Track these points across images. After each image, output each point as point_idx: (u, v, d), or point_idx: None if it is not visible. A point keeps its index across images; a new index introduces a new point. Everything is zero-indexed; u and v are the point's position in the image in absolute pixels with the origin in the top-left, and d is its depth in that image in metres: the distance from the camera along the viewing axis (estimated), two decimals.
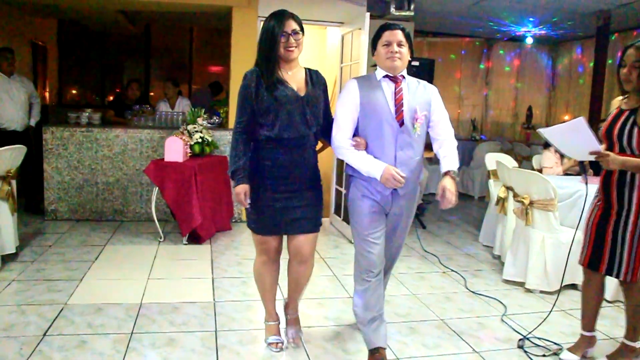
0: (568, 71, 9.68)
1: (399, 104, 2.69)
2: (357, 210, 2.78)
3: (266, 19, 2.68)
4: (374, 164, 2.64)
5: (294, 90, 2.69)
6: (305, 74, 2.79)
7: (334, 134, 2.75)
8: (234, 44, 6.07)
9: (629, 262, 2.73)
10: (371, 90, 2.72)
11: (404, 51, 2.70)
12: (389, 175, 2.59)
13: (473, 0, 6.78)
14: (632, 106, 2.73)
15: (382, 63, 2.73)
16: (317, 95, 2.76)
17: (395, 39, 2.68)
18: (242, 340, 3.10)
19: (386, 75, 2.73)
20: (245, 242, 5.33)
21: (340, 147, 2.73)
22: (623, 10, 6.72)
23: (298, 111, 2.67)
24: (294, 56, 2.69)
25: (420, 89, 2.78)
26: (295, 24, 2.65)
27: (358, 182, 2.77)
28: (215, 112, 6.54)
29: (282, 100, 2.63)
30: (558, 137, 2.82)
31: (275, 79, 2.64)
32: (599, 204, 2.87)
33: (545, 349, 3.11)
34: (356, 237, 2.82)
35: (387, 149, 2.67)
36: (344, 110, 2.73)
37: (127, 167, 5.86)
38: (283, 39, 2.62)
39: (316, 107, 2.74)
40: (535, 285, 4.08)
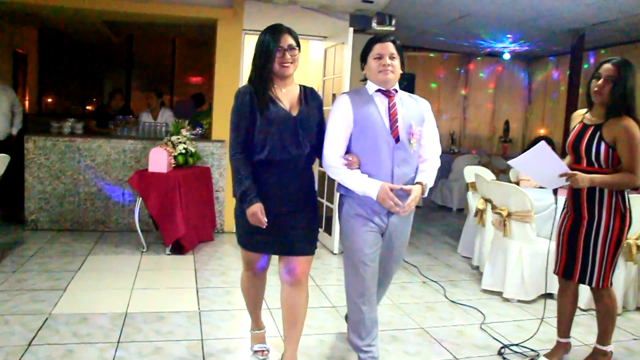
0: (544, 86, 9.92)
1: (394, 119, 2.60)
2: (351, 230, 2.68)
3: (261, 33, 2.58)
4: (369, 183, 2.56)
5: (286, 109, 2.57)
6: (299, 92, 2.67)
7: (326, 153, 2.63)
8: (219, 56, 6.14)
9: (600, 269, 2.86)
10: (364, 105, 2.62)
11: (396, 64, 2.62)
12: (386, 195, 2.52)
13: (452, 17, 6.94)
14: (596, 122, 2.88)
15: (374, 77, 2.65)
16: (310, 115, 2.63)
17: (387, 51, 2.60)
18: (228, 348, 3.15)
19: (378, 90, 2.65)
20: (228, 252, 5.37)
21: (333, 167, 2.62)
22: (596, 29, 6.94)
23: (290, 131, 2.53)
24: (289, 72, 2.57)
25: (413, 103, 2.71)
26: (291, 38, 2.55)
27: (351, 200, 2.68)
28: (198, 124, 6.58)
29: (274, 120, 2.51)
30: (527, 165, 2.97)
31: (267, 97, 2.53)
32: (568, 216, 3.00)
33: (523, 356, 3.22)
34: (349, 259, 2.73)
35: (383, 167, 2.59)
36: (335, 127, 2.62)
37: (109, 178, 5.87)
38: (278, 54, 2.50)
39: (309, 127, 2.61)
40: (513, 295, 4.20)
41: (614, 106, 2.81)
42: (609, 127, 2.82)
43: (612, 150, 2.79)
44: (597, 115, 2.90)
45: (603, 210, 2.83)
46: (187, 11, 5.94)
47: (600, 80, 2.83)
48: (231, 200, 6.23)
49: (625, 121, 2.78)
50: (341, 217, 2.76)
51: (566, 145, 3.02)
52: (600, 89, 2.83)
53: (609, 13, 6.22)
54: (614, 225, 2.82)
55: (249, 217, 2.53)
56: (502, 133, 10.16)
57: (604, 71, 2.83)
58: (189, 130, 5.59)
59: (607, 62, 2.85)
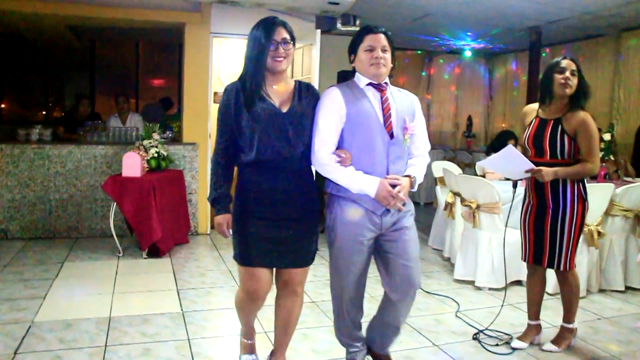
0: (504, 82, 10.24)
1: (387, 114, 2.48)
2: (340, 237, 2.51)
3: (253, 27, 2.43)
4: (366, 180, 2.41)
5: (275, 105, 2.41)
6: (294, 88, 2.52)
7: (317, 149, 2.44)
8: (187, 60, 6.17)
9: (567, 253, 3.07)
10: (356, 99, 2.48)
11: (387, 57, 2.49)
12: (386, 192, 2.39)
13: (414, 17, 7.13)
14: (554, 115, 3.08)
15: (365, 70, 2.50)
16: (302, 111, 2.45)
17: (379, 43, 2.47)
18: (216, 346, 3.22)
19: (370, 83, 2.52)
20: (204, 253, 5.43)
21: (326, 165, 2.44)
22: (552, 26, 7.24)
23: (278, 130, 2.38)
24: (282, 67, 2.42)
25: (404, 98, 2.60)
26: (285, 32, 2.41)
27: (343, 202, 2.49)
28: (168, 127, 6.59)
29: (260, 117, 2.36)
30: (496, 164, 3.26)
31: (256, 93, 2.39)
32: (531, 206, 3.19)
33: (498, 339, 3.39)
34: (335, 270, 2.59)
35: (378, 163, 2.45)
36: (327, 123, 2.44)
37: (81, 184, 5.84)
38: (272, 48, 2.37)
39: (301, 124, 2.43)
40: (484, 283, 4.39)
41: (578, 98, 3.04)
42: (568, 120, 3.03)
43: (573, 142, 3.00)
44: (555, 110, 3.10)
45: (567, 198, 3.03)
46: (154, 15, 5.97)
47: (567, 73, 3.02)
48: (204, 202, 6.32)
49: (582, 114, 3.01)
50: (330, 219, 2.56)
51: (525, 140, 3.19)
52: (567, 81, 3.01)
53: (563, 11, 6.52)
54: (578, 211, 3.04)
55: (215, 226, 2.49)
56: (465, 128, 10.44)
57: (567, 65, 3.03)
58: (159, 134, 5.62)
59: (564, 58, 3.07)
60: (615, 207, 4.40)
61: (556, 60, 3.12)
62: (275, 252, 2.45)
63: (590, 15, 6.61)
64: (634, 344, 3.42)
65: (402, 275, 2.54)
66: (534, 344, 3.32)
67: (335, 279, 2.61)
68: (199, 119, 6.24)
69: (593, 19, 6.75)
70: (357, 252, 2.51)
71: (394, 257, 2.53)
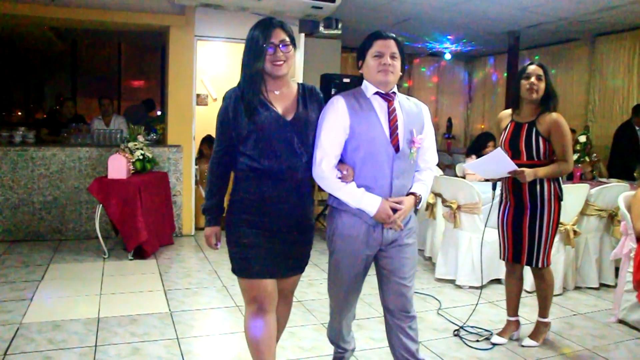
0: (483, 85, 10.44)
1: (394, 126, 2.35)
2: (338, 250, 2.45)
3: (251, 29, 2.28)
4: (367, 198, 2.31)
5: (279, 113, 2.28)
6: (297, 92, 2.38)
7: (318, 161, 2.33)
8: (171, 63, 6.21)
9: (545, 251, 3.21)
10: (362, 109, 2.35)
11: (397, 64, 2.36)
12: (385, 215, 2.31)
13: (396, 21, 7.26)
14: (528, 119, 3.23)
15: (372, 77, 2.37)
16: (307, 118, 2.33)
17: (388, 50, 2.34)
18: (205, 345, 3.29)
19: (377, 92, 2.38)
20: (189, 254, 5.49)
21: (326, 179, 2.33)
22: (530, 31, 7.43)
23: (282, 138, 2.26)
24: (282, 72, 2.27)
25: (413, 108, 2.46)
26: (284, 34, 2.26)
27: (344, 215, 2.40)
28: (152, 129, 6.62)
29: (263, 125, 2.23)
30: (481, 167, 3.35)
31: (256, 99, 2.25)
32: (509, 206, 3.32)
33: (478, 335, 3.51)
34: (332, 279, 2.55)
35: (381, 178, 2.34)
36: (330, 134, 2.32)
37: (65, 186, 5.84)
38: (269, 52, 2.22)
39: (306, 132, 2.32)
40: (465, 282, 4.51)
41: (547, 101, 3.19)
42: (541, 122, 3.18)
43: (548, 144, 3.15)
44: (527, 113, 3.25)
45: (545, 198, 3.17)
46: (139, 18, 6.00)
47: (533, 79, 3.17)
48: (189, 203, 6.36)
49: (555, 115, 3.17)
50: (330, 232, 2.48)
51: (502, 143, 3.33)
52: (533, 86, 3.17)
53: (540, 17, 6.70)
54: (554, 210, 3.19)
55: (205, 239, 2.43)
56: (445, 130, 10.60)
57: (533, 71, 3.19)
58: (144, 136, 5.66)
59: (530, 64, 3.24)
60: (590, 207, 4.56)
61: (523, 66, 3.30)
62: (274, 262, 2.34)
63: (566, 21, 6.81)
64: (607, 338, 3.57)
65: (396, 292, 2.47)
66: (513, 339, 3.45)
67: (331, 286, 2.58)
68: (183, 121, 6.28)
69: (569, 24, 6.95)
70: (353, 266, 2.45)
71: (389, 273, 2.46)
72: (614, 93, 7.62)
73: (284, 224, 2.33)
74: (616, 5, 6.04)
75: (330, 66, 7.32)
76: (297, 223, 2.37)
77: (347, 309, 2.62)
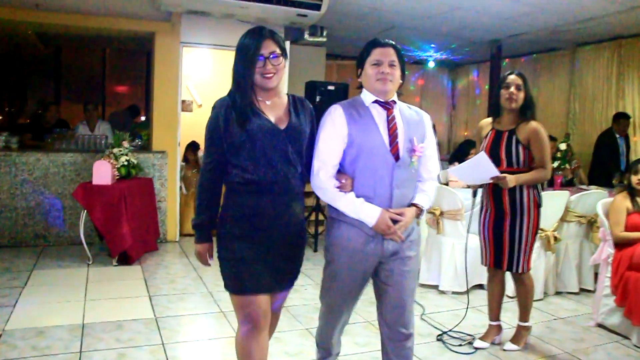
0: (466, 92, 10.56)
1: (393, 134, 2.31)
2: (336, 261, 2.38)
3: (241, 37, 2.22)
4: (366, 209, 2.25)
5: (272, 122, 2.21)
6: (288, 103, 2.32)
7: (316, 171, 2.29)
8: (157, 69, 6.22)
9: (525, 256, 3.27)
10: (360, 118, 2.32)
11: (396, 74, 2.34)
12: (385, 226, 2.24)
13: (380, 28, 7.33)
14: (508, 127, 3.31)
15: (371, 86, 2.35)
16: (300, 128, 2.27)
17: (386, 58, 2.31)
18: (191, 350, 3.30)
19: (376, 101, 2.35)
20: (173, 260, 5.49)
21: (324, 189, 2.30)
22: (512, 40, 7.55)
23: (277, 147, 2.18)
24: (272, 84, 2.21)
25: (413, 116, 2.43)
26: (274, 44, 2.19)
27: (344, 226, 2.34)
28: (137, 135, 6.62)
29: (256, 134, 2.16)
30: (464, 172, 3.42)
31: (249, 109, 2.18)
32: (489, 213, 3.38)
33: (461, 340, 3.57)
34: (326, 289, 2.49)
35: (380, 188, 2.28)
36: (328, 143, 2.29)
37: (49, 191, 5.81)
38: (259, 64, 2.16)
39: (300, 142, 2.26)
40: (448, 287, 4.57)
41: (526, 110, 3.28)
42: (521, 130, 3.27)
43: (527, 151, 3.23)
44: (507, 122, 3.33)
45: (524, 205, 3.24)
46: (125, 24, 6.02)
47: (512, 88, 3.26)
48: (173, 209, 6.35)
49: (534, 124, 3.26)
50: (329, 241, 2.42)
51: (482, 150, 3.40)
52: (512, 96, 3.26)
53: (522, 27, 6.83)
54: (534, 217, 3.26)
55: (195, 253, 2.35)
56: None
57: (512, 81, 3.28)
58: (129, 142, 5.65)
59: (510, 73, 3.31)
60: (570, 213, 4.65)
61: (503, 76, 3.38)
62: (268, 277, 2.24)
63: (547, 31, 6.93)
64: (586, 342, 3.65)
65: (395, 307, 2.40)
66: (495, 344, 3.51)
67: (325, 294, 2.52)
68: (168, 128, 6.29)
69: (549, 34, 7.08)
70: (351, 278, 2.39)
71: (388, 287, 2.39)
72: (593, 102, 7.76)
73: (278, 238, 2.24)
74: (593, 17, 6.19)
75: (315, 73, 7.37)
76: (291, 236, 2.29)
77: (342, 317, 2.57)
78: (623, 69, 7.28)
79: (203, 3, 5.58)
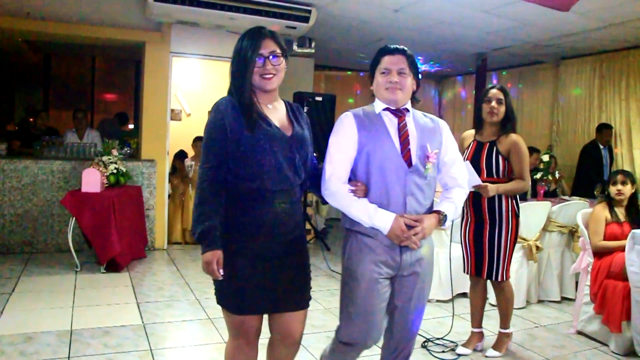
0: (453, 104, 10.72)
1: (405, 141, 2.25)
2: (355, 276, 2.25)
3: (239, 38, 2.13)
4: (380, 214, 2.17)
5: (279, 128, 2.12)
6: (286, 109, 2.25)
7: (328, 176, 2.23)
8: (147, 78, 6.28)
9: (504, 264, 3.36)
10: (371, 125, 2.27)
11: (406, 82, 2.26)
12: (400, 231, 2.15)
13: (369, 40, 7.45)
14: (489, 139, 3.42)
15: (380, 94, 2.30)
16: (304, 135, 2.20)
17: (396, 66, 2.25)
18: (179, 356, 3.35)
19: (387, 108, 2.30)
20: (161, 268, 5.53)
21: (336, 193, 2.22)
22: (497, 53, 7.71)
23: (285, 155, 2.10)
24: (271, 86, 2.12)
25: (428, 123, 2.37)
26: (274, 44, 2.11)
27: (360, 237, 2.26)
28: (126, 143, 6.65)
29: (267, 141, 2.06)
30: None
31: (255, 113, 2.08)
32: (469, 222, 3.48)
33: (444, 347, 3.65)
34: (347, 310, 2.30)
35: (393, 195, 2.21)
36: (339, 149, 2.24)
37: (37, 199, 5.83)
38: (258, 64, 2.08)
39: (305, 149, 2.20)
40: (432, 295, 4.64)
41: (507, 123, 3.40)
42: (501, 142, 3.39)
43: (507, 162, 3.34)
44: (489, 134, 3.45)
45: (502, 214, 3.34)
46: (116, 34, 6.07)
47: (493, 102, 3.39)
48: (162, 217, 6.39)
49: (514, 136, 3.38)
50: (346, 256, 2.32)
51: None
52: (493, 110, 3.39)
53: (507, 41, 6.98)
54: (512, 226, 3.35)
55: (203, 265, 2.06)
56: None
57: (493, 95, 3.40)
58: (118, 151, 5.69)
59: (492, 88, 3.44)
60: (552, 223, 4.76)
61: (485, 89, 3.51)
62: (272, 295, 2.12)
63: (531, 45, 7.09)
64: (566, 349, 3.74)
65: (403, 323, 2.34)
66: (477, 350, 3.59)
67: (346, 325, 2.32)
68: (158, 136, 6.34)
69: (533, 48, 7.24)
70: (375, 293, 2.24)
71: (400, 303, 2.31)
72: (576, 114, 7.92)
73: (279, 248, 2.13)
74: (575, 33, 6.35)
75: (303, 84, 7.45)
76: (293, 245, 2.19)
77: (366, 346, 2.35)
78: (605, 82, 7.46)
79: (193, 14, 5.65)
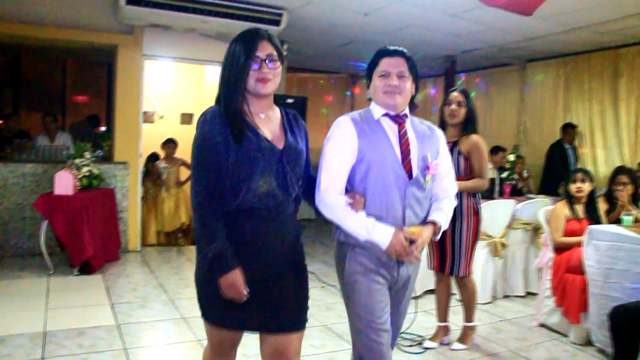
0: (423, 106, 10.89)
1: (406, 150, 2.13)
2: (358, 290, 2.14)
3: (233, 40, 1.97)
4: (378, 229, 2.04)
5: (270, 140, 1.94)
6: (281, 117, 2.08)
7: (324, 187, 2.08)
8: (119, 81, 6.28)
9: (466, 260, 3.50)
10: (371, 131, 2.14)
11: (406, 86, 2.15)
12: (400, 246, 2.04)
13: (339, 43, 7.58)
14: (451, 139, 3.55)
15: (379, 98, 2.18)
16: (297, 148, 2.02)
17: (395, 69, 2.14)
18: (153, 355, 3.41)
19: (386, 114, 2.18)
20: (135, 269, 5.55)
21: (332, 205, 2.08)
22: (465, 55, 7.90)
23: (276, 170, 1.93)
24: (267, 90, 1.96)
25: (426, 131, 2.25)
26: (271, 47, 1.95)
27: (355, 251, 2.14)
28: (99, 146, 6.64)
29: (254, 155, 1.89)
30: None
31: (243, 123, 1.91)
32: None
33: (412, 341, 3.78)
34: (357, 325, 2.16)
35: (393, 208, 2.09)
36: (336, 157, 2.10)
37: (8, 202, 5.79)
38: (254, 67, 1.92)
39: (298, 163, 2.02)
40: None
41: (468, 124, 3.54)
42: (463, 143, 3.53)
43: (468, 162, 3.49)
44: (451, 135, 3.58)
45: (463, 212, 3.47)
46: (88, 36, 6.07)
47: (453, 105, 3.53)
48: (135, 219, 6.41)
49: (475, 137, 3.53)
50: (343, 272, 2.22)
51: None
52: (454, 112, 3.53)
53: (474, 43, 7.17)
54: (472, 223, 3.49)
55: (225, 289, 1.86)
56: None
57: (454, 98, 3.55)
58: (91, 153, 5.70)
59: (453, 91, 3.59)
60: (516, 220, 4.93)
61: (447, 93, 3.65)
62: (259, 315, 1.97)
63: (497, 48, 7.29)
64: (528, 340, 3.90)
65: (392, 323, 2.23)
66: (443, 344, 3.73)
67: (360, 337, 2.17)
68: (130, 139, 6.35)
69: (500, 50, 7.45)
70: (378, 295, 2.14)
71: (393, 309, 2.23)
72: (542, 115, 8.17)
73: (271, 269, 1.98)
74: (539, 36, 6.58)
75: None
76: (286, 267, 2.03)
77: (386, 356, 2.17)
78: (569, 84, 7.71)
79: (165, 17, 5.69)
